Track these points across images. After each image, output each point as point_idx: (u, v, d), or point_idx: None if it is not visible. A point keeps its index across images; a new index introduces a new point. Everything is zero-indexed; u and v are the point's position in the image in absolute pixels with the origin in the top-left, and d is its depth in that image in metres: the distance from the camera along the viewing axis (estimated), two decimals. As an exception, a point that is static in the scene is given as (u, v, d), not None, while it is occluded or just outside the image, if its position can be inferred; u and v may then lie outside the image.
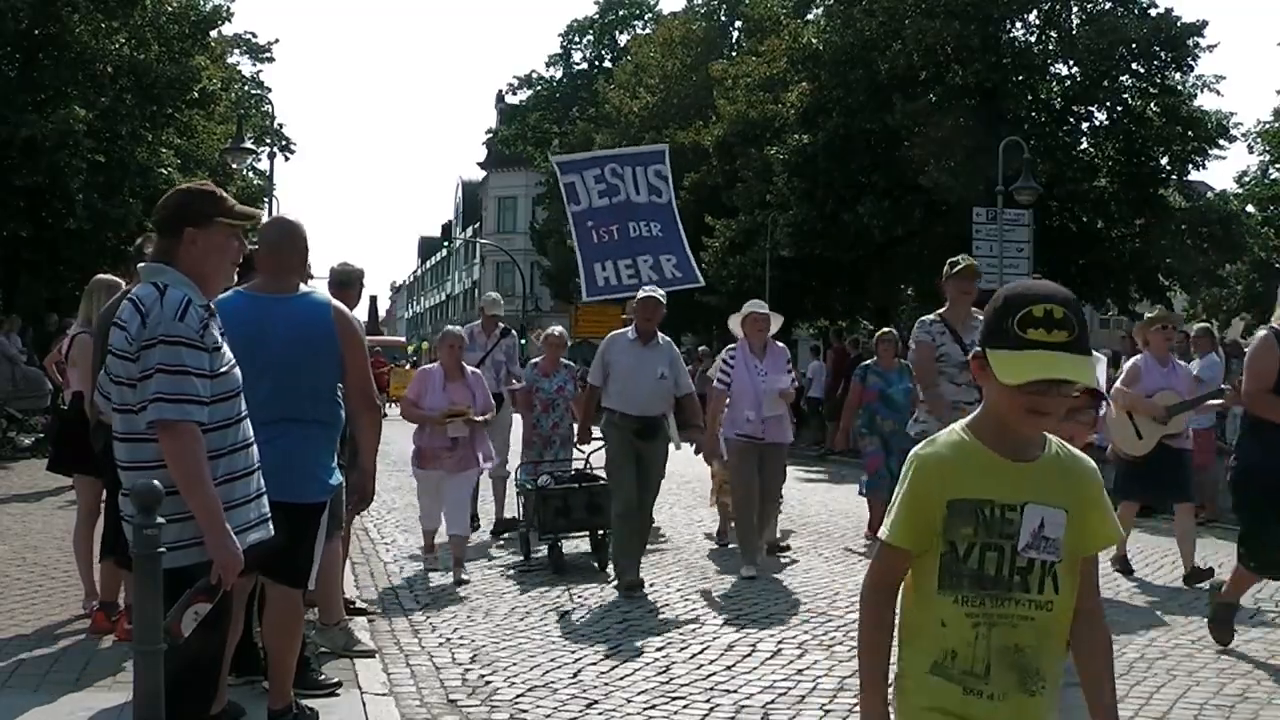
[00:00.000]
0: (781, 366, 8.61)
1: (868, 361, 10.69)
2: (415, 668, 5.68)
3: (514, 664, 5.76)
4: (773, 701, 5.19)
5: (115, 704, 4.73)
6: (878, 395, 9.86)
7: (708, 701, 5.18)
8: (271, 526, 3.61)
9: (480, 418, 7.93)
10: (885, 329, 10.89)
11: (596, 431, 8.25)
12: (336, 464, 4.59)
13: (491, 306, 10.57)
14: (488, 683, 5.44)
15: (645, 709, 5.06)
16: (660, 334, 7.93)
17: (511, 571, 8.28)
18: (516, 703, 5.14)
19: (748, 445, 8.30)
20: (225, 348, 3.45)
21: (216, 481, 3.34)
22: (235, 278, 3.84)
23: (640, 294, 7.99)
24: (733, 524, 8.79)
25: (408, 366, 38.53)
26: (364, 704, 4.96)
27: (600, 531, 8.39)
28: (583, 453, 8.83)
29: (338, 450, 4.82)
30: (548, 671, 5.61)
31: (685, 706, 5.10)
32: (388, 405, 32.07)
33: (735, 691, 5.31)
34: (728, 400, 8.47)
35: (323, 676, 5.13)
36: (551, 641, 6.22)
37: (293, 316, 4.36)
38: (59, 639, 5.90)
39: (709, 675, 5.59)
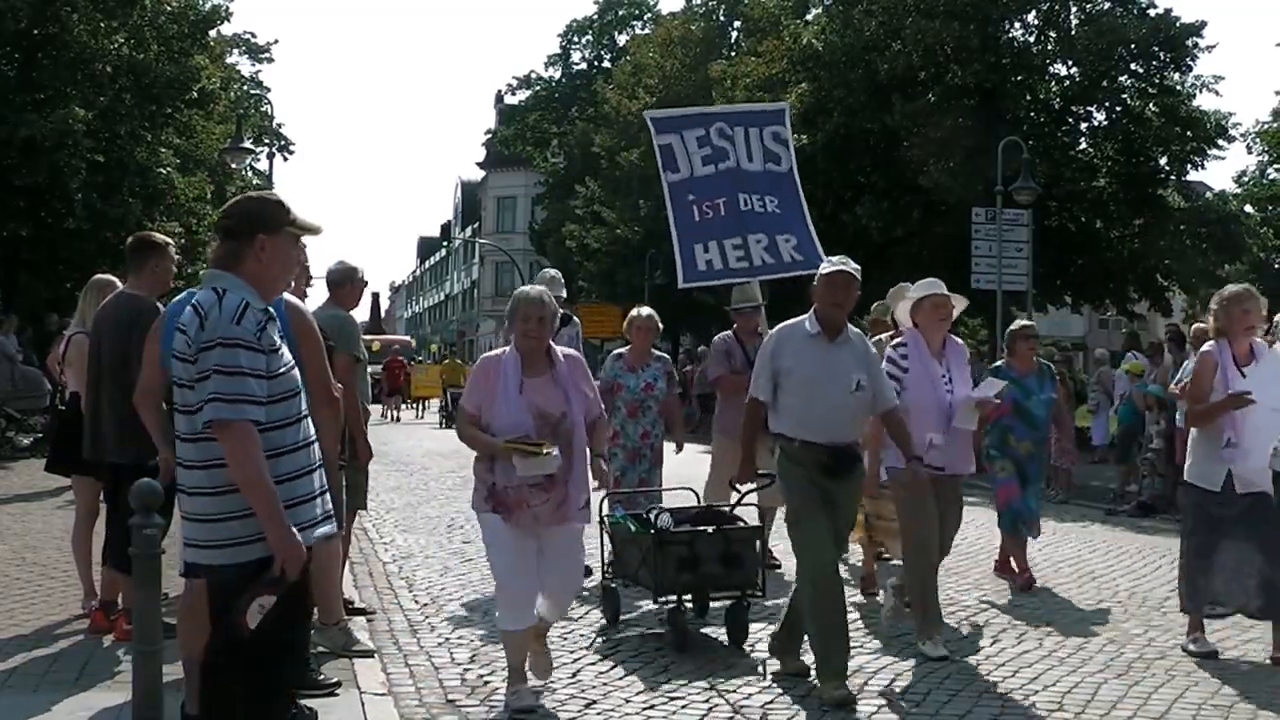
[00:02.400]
0: (965, 369, 6.39)
1: (998, 363, 8.92)
2: (414, 668, 5.68)
3: (513, 664, 5.75)
4: (771, 702, 5.20)
5: (115, 704, 4.73)
6: (1012, 408, 7.81)
7: (706, 702, 5.18)
8: (335, 524, 3.65)
9: (555, 456, 4.87)
10: (1025, 322, 8.67)
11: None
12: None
13: (553, 286, 7.54)
14: (486, 683, 5.44)
15: (644, 709, 5.06)
16: (850, 325, 5.67)
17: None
18: (516, 703, 5.13)
19: (926, 479, 5.95)
20: (284, 349, 3.52)
21: (278, 480, 3.40)
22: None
23: (826, 266, 5.62)
24: (894, 582, 6.65)
25: (429, 363, 38.49)
26: (363, 704, 4.96)
27: (743, 594, 6.20)
28: (738, 492, 6.19)
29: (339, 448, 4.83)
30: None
31: (684, 707, 5.11)
32: (405, 407, 31.97)
33: (734, 692, 5.32)
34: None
35: (322, 676, 5.12)
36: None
37: None
38: (58, 639, 5.90)
39: (708, 675, 5.59)
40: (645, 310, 8.20)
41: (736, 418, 7.55)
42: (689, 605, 6.27)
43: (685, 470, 8.18)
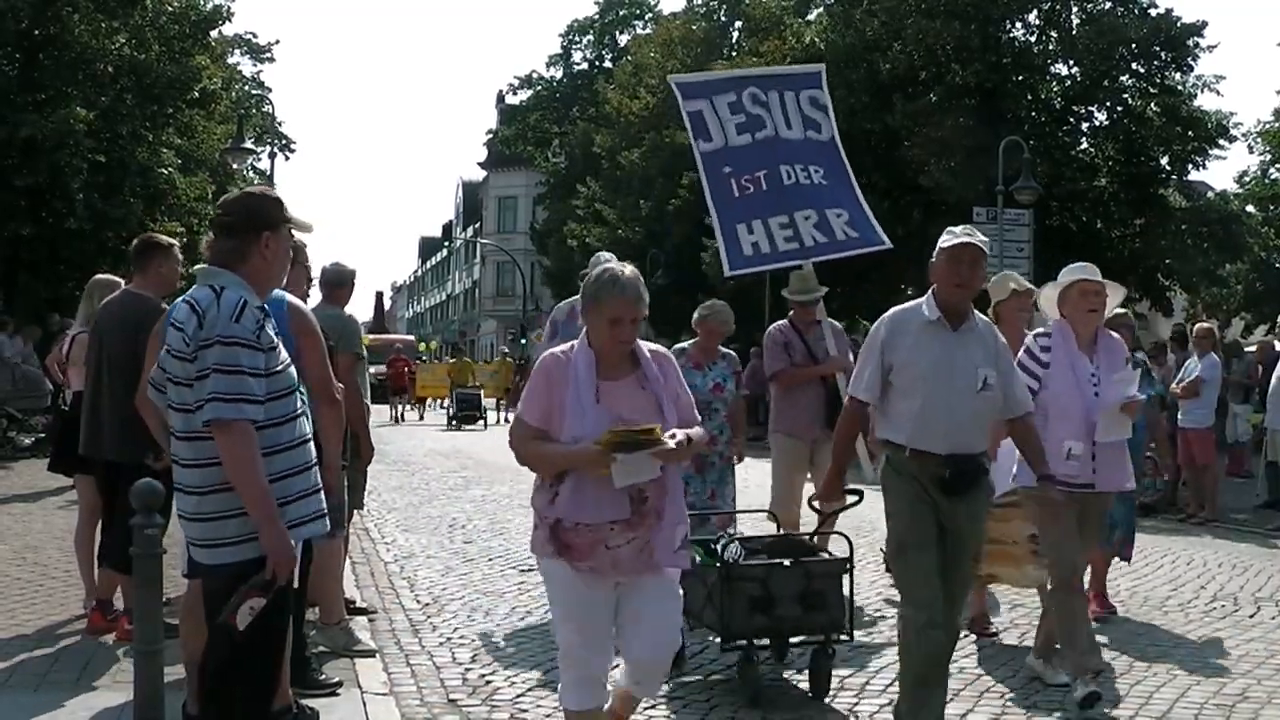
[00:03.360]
0: (1121, 366, 5.39)
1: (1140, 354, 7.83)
2: (416, 667, 5.68)
3: (515, 663, 5.76)
4: (773, 701, 5.19)
5: (115, 704, 4.73)
6: None
7: (707, 701, 5.18)
8: (328, 522, 3.67)
9: (679, 439, 3.76)
10: (1119, 310, 6.58)
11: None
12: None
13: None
14: (488, 682, 5.44)
15: (645, 709, 5.05)
16: (977, 312, 4.73)
17: (511, 571, 8.27)
18: (517, 702, 5.14)
19: (1065, 495, 5.01)
20: (280, 347, 3.53)
21: (274, 477, 3.41)
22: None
23: (949, 239, 4.62)
24: (1036, 665, 5.65)
25: (434, 363, 37.55)
26: (364, 704, 4.96)
27: (827, 639, 5.31)
28: (817, 512, 5.32)
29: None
30: (548, 671, 5.60)
31: (685, 706, 5.11)
32: (410, 407, 31.45)
33: (735, 692, 5.31)
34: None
35: (323, 676, 5.13)
36: (551, 641, 6.18)
37: None
38: (59, 639, 5.90)
39: (709, 675, 5.59)
40: (719, 303, 7.30)
41: (798, 416, 7.43)
42: (763, 651, 5.41)
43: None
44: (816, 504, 5.08)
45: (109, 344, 5.77)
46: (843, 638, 5.33)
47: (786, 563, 5.28)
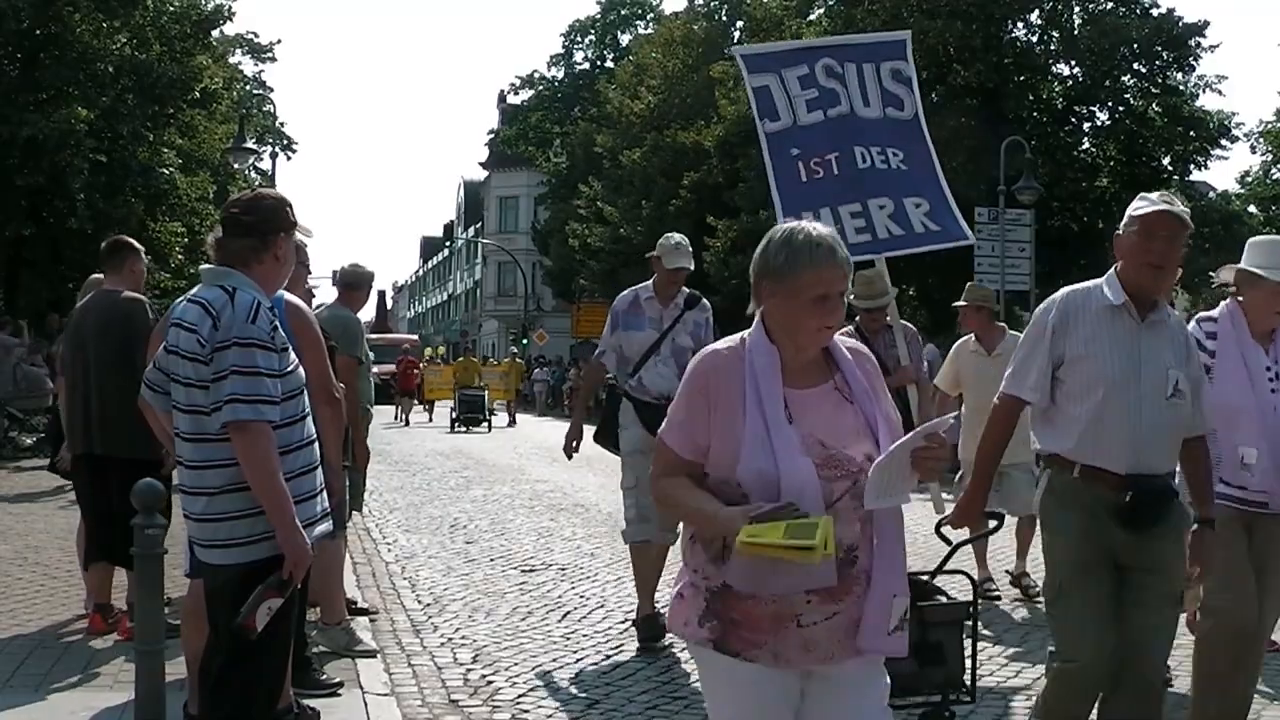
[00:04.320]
0: None
1: None
2: (417, 668, 5.67)
3: (516, 664, 5.75)
4: (774, 702, 5.18)
5: (117, 704, 4.73)
6: None
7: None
8: (339, 524, 3.65)
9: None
10: None
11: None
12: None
13: (673, 255, 6.31)
14: (489, 683, 5.43)
15: (647, 709, 5.05)
16: (1166, 305, 3.85)
17: (513, 571, 8.27)
18: (518, 703, 5.14)
19: (1234, 515, 4.09)
20: (290, 348, 3.56)
21: (293, 474, 3.43)
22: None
23: (1144, 206, 3.78)
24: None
25: (442, 364, 36.52)
26: (366, 704, 4.96)
27: (944, 700, 4.42)
28: (946, 541, 4.51)
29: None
30: (550, 671, 5.61)
31: (686, 707, 5.10)
32: (420, 409, 30.78)
33: None
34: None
35: (324, 676, 5.13)
36: (553, 641, 6.21)
37: None
38: (61, 639, 5.90)
39: None
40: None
41: None
42: None
43: None
44: (946, 530, 4.28)
45: (91, 341, 5.78)
46: (964, 698, 4.49)
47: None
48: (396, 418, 27.83)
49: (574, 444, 6.62)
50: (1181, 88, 24.32)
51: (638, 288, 6.45)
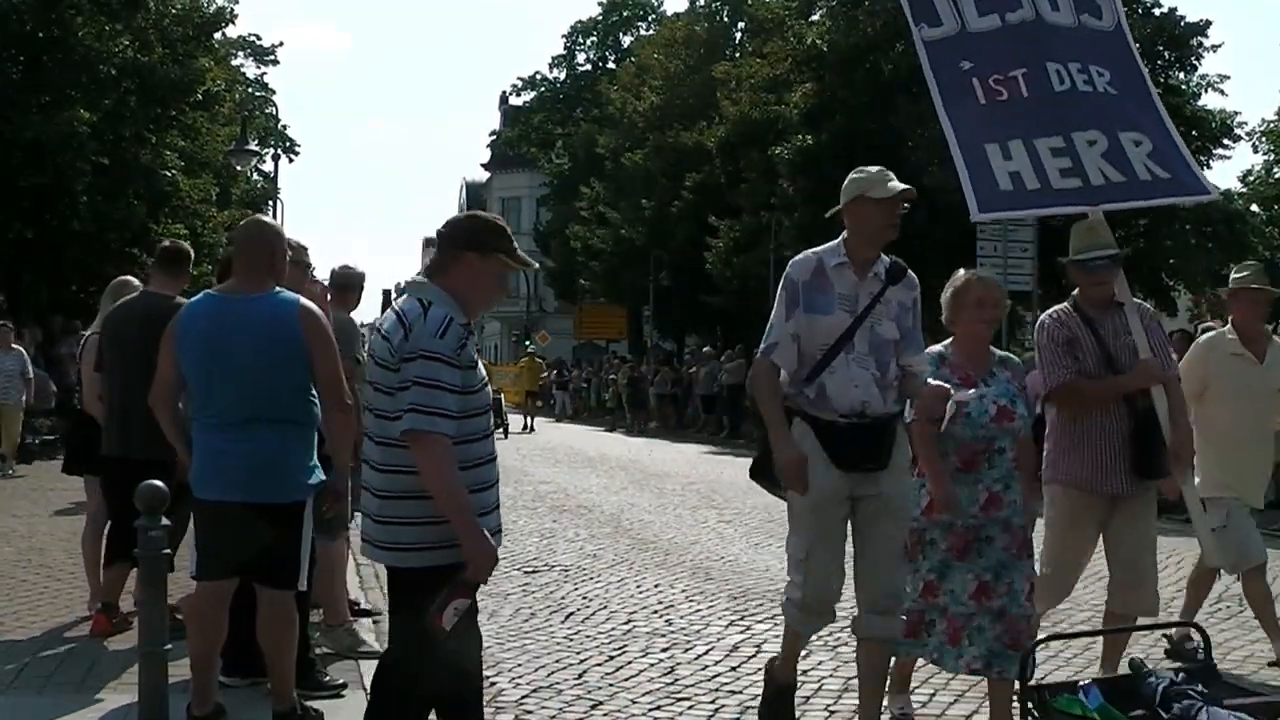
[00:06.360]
0: None
1: None
2: (420, 669, 5.68)
3: (519, 665, 5.76)
4: (777, 702, 5.19)
5: (121, 705, 4.73)
6: None
7: (712, 703, 5.17)
8: (501, 537, 3.75)
9: None
10: None
11: None
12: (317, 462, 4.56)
13: (886, 183, 4.44)
14: (492, 684, 5.43)
15: (650, 710, 5.06)
16: None
17: (515, 572, 8.28)
18: (521, 703, 5.14)
19: None
20: (480, 367, 3.63)
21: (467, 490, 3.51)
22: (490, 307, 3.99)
23: None
24: None
25: None
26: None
27: None
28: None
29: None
30: (552, 673, 5.61)
31: (690, 708, 5.10)
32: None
33: (740, 693, 5.31)
34: None
35: (328, 678, 5.13)
36: (556, 643, 6.22)
37: (257, 316, 4.37)
38: (65, 641, 5.91)
39: (714, 676, 5.59)
40: (970, 272, 4.83)
41: (1092, 456, 4.87)
42: None
43: (688, 471, 7.28)
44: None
45: (134, 345, 5.67)
46: None
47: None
48: None
49: (798, 470, 4.15)
50: (1183, 87, 24.26)
51: (821, 250, 4.44)
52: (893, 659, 4.48)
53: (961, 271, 4.86)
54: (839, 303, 4.28)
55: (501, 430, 25.34)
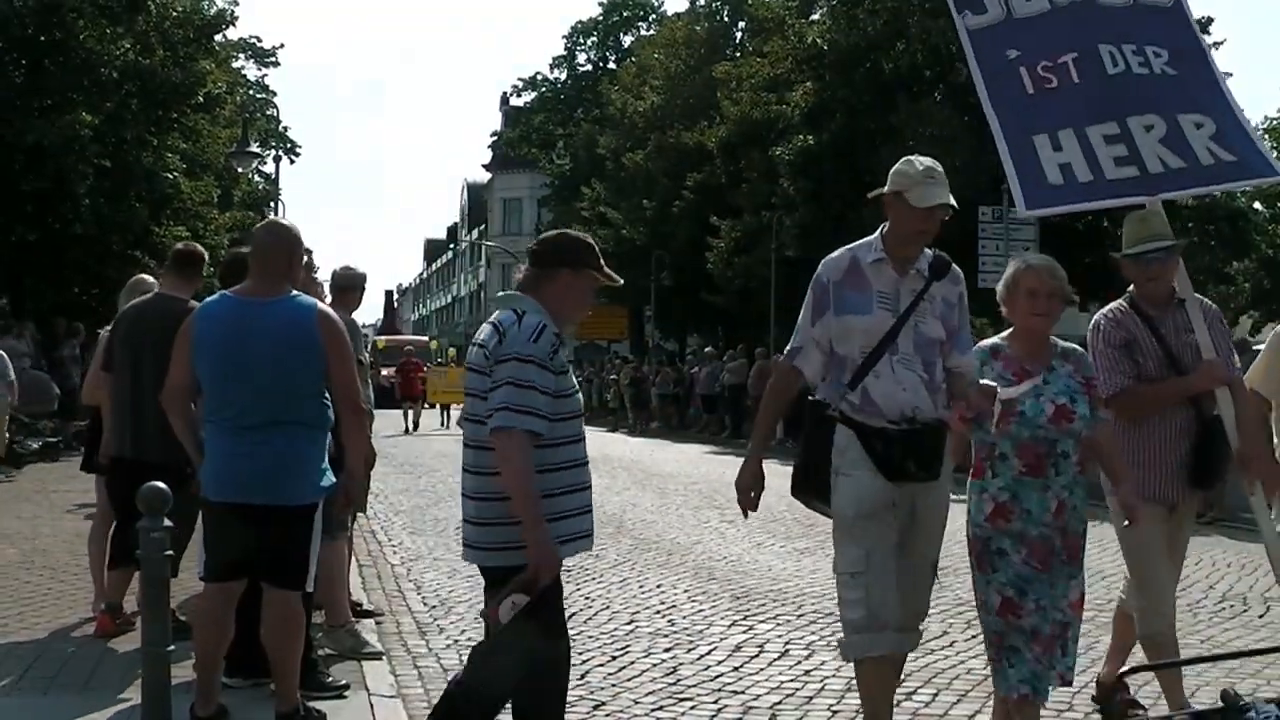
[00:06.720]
0: None
1: None
2: (423, 670, 5.69)
3: (521, 665, 5.76)
4: (780, 703, 5.19)
5: (124, 707, 4.74)
6: None
7: (715, 703, 5.18)
8: (591, 541, 3.84)
9: None
10: None
11: None
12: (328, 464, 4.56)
13: (926, 188, 4.22)
14: (495, 684, 5.44)
15: (653, 710, 5.06)
16: None
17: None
18: (524, 704, 5.14)
19: None
20: (570, 374, 3.76)
21: (556, 492, 3.62)
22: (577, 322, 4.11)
23: None
24: None
25: (451, 367, 35.35)
26: (371, 706, 4.96)
27: None
28: None
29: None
30: (555, 673, 5.61)
31: (693, 708, 5.11)
32: (424, 409, 29.78)
33: (742, 693, 5.31)
34: None
35: (330, 679, 5.13)
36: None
37: (276, 320, 4.37)
38: (68, 642, 5.91)
39: (716, 676, 5.59)
40: (1041, 258, 4.49)
41: (1152, 464, 4.62)
42: None
43: (690, 470, 7.18)
44: None
45: (149, 346, 5.64)
46: None
47: None
48: (406, 431, 25.42)
49: (753, 494, 4.27)
50: (1185, 85, 24.31)
51: (855, 246, 4.25)
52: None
53: (1013, 259, 4.54)
54: (878, 301, 4.06)
55: None
